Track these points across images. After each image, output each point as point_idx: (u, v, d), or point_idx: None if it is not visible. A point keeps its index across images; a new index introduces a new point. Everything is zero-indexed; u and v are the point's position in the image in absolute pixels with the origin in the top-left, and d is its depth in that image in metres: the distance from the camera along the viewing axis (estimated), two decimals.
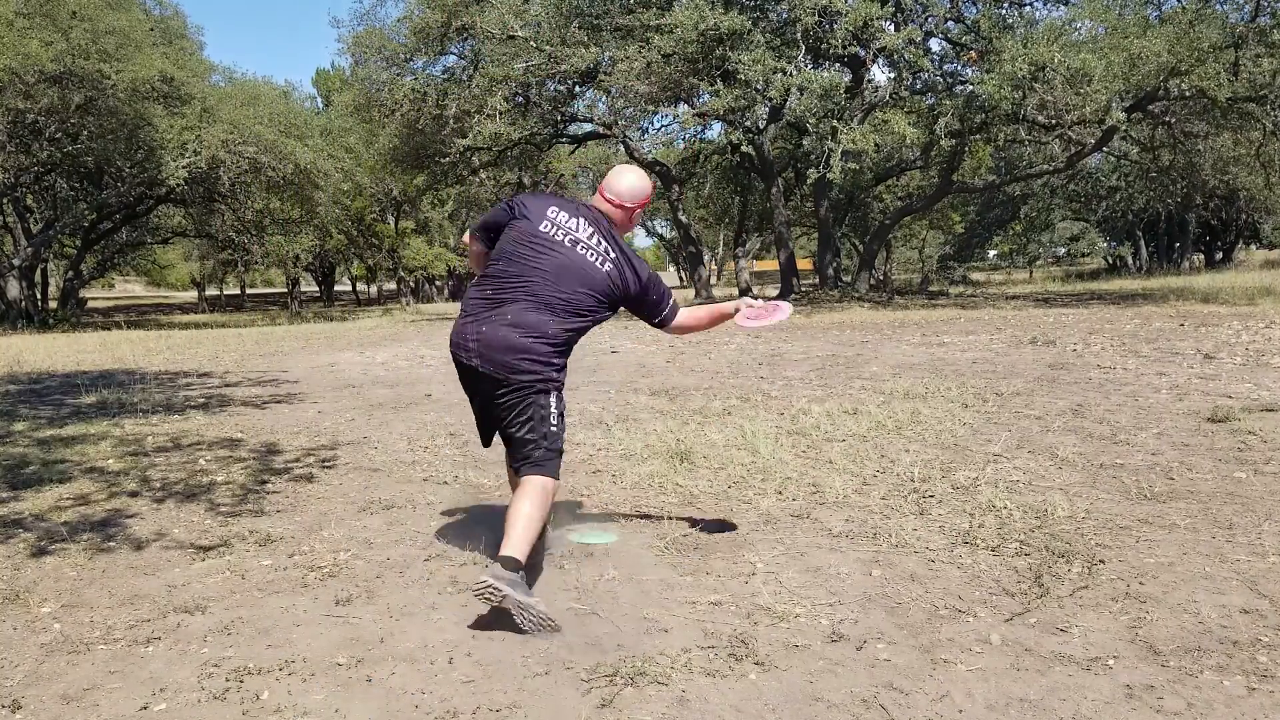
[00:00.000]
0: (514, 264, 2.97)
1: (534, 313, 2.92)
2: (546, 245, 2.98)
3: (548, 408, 2.95)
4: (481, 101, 18.48)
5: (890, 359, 8.68)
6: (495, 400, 2.97)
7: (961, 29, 18.36)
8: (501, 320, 2.92)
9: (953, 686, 2.22)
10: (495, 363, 2.90)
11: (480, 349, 2.92)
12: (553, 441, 2.95)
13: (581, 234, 3.03)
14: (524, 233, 3.01)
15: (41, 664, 2.48)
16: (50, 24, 17.50)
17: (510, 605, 2.55)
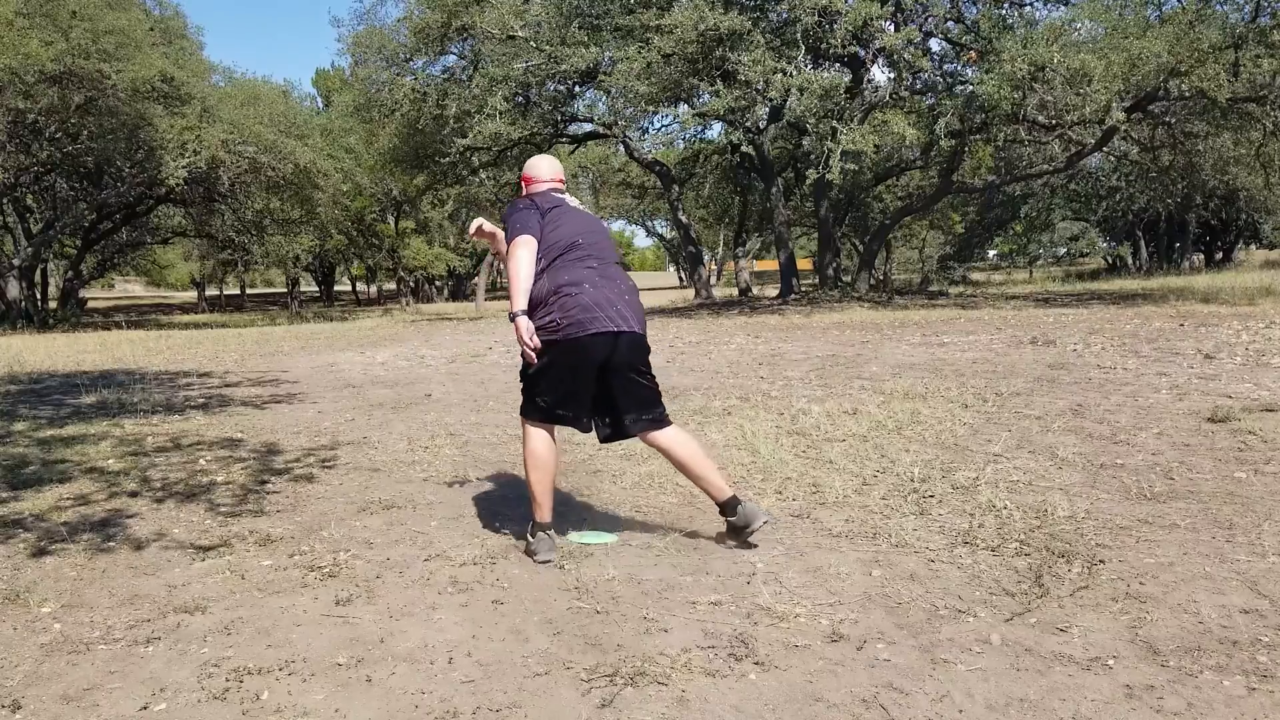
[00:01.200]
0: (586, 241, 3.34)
1: (621, 273, 3.37)
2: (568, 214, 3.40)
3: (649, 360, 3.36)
4: (481, 101, 18.48)
5: (890, 359, 8.67)
6: (631, 364, 3.26)
7: (961, 29, 18.35)
8: (623, 285, 3.31)
9: (953, 686, 2.22)
10: (641, 321, 3.29)
11: (629, 312, 3.24)
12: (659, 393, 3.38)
13: (565, 198, 3.51)
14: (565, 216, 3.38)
15: (41, 664, 2.48)
16: (50, 24, 17.50)
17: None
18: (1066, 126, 16.79)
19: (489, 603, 2.83)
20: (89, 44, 17.73)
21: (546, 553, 3.20)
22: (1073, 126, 16.79)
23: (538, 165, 3.61)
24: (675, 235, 36.88)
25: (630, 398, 3.29)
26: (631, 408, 3.29)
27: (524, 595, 2.88)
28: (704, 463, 3.28)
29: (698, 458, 3.28)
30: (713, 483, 3.26)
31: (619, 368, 3.23)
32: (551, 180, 3.57)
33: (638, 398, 3.29)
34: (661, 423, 3.31)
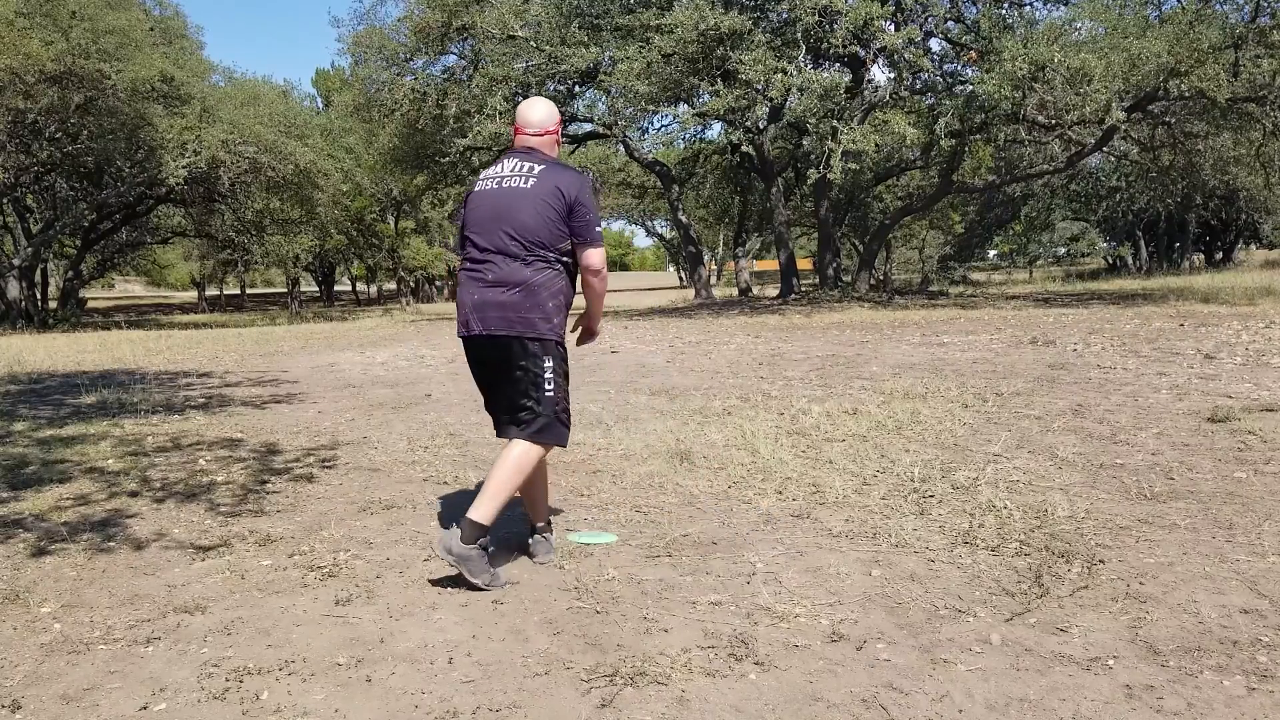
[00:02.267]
0: (469, 228, 3.12)
1: (504, 265, 3.01)
2: (479, 199, 3.11)
3: (542, 364, 3.03)
4: (481, 101, 18.48)
5: (890, 359, 8.67)
6: (499, 367, 3.06)
7: (961, 29, 18.35)
8: (483, 281, 3.02)
9: (953, 686, 2.22)
10: (503, 322, 3.00)
11: (491, 314, 3.01)
12: (549, 405, 3.03)
13: (505, 171, 3.11)
14: (469, 202, 3.18)
15: (41, 664, 2.48)
16: (50, 24, 17.50)
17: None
18: (1066, 126, 16.79)
19: (489, 603, 2.83)
20: (89, 44, 17.73)
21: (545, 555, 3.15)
22: (1073, 126, 16.79)
23: (520, 117, 3.23)
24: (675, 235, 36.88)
25: (501, 399, 3.13)
26: (503, 408, 3.14)
27: (524, 595, 2.88)
28: (503, 488, 2.97)
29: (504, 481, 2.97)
30: (485, 500, 2.96)
31: (492, 369, 3.11)
32: (520, 133, 3.21)
33: (507, 401, 3.09)
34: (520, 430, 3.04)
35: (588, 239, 3.06)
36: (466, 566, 2.87)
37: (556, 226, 3.01)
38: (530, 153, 3.14)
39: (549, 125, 3.18)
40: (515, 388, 3.05)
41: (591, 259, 3.08)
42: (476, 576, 2.89)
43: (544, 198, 3.00)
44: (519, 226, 3.00)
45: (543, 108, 3.19)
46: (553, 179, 3.03)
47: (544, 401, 3.03)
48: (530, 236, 3.00)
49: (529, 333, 3.00)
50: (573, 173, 3.09)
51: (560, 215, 3.01)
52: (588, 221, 3.04)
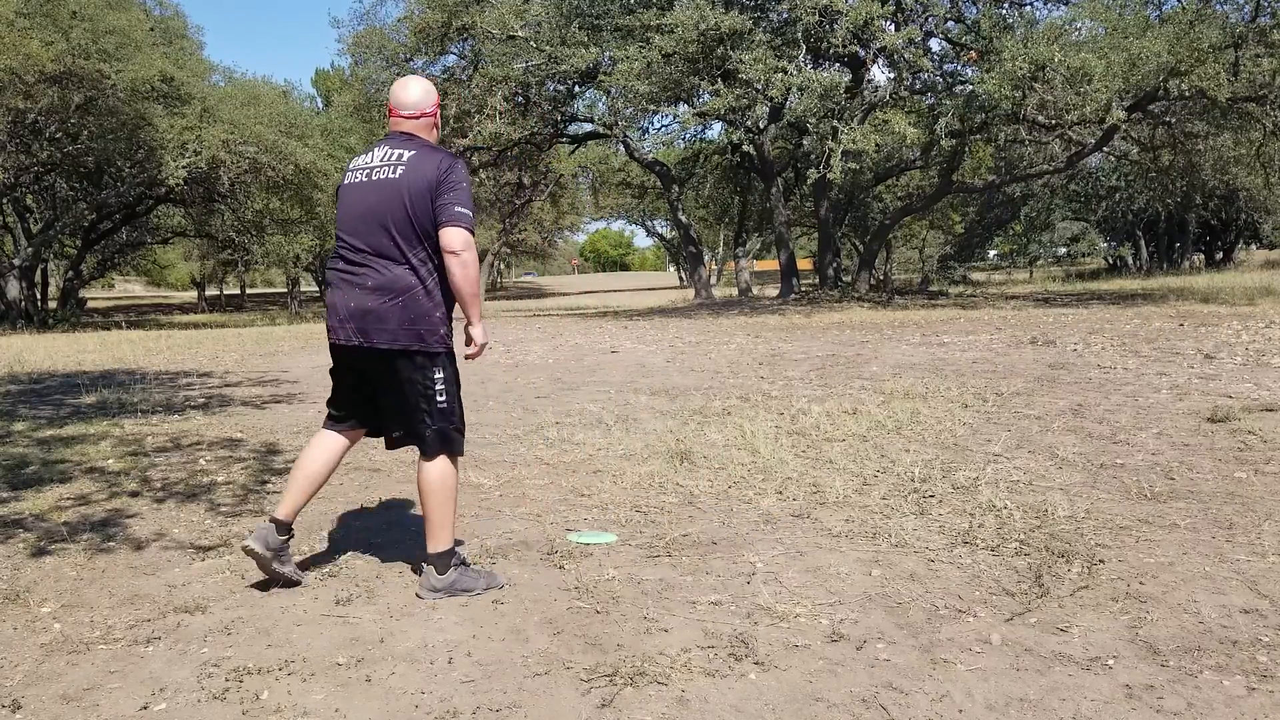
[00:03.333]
0: (341, 226, 2.91)
1: (384, 270, 2.80)
2: (349, 193, 2.90)
3: (432, 377, 2.85)
4: (481, 101, 18.49)
5: (890, 359, 8.67)
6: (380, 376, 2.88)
7: (961, 29, 18.35)
8: (361, 287, 2.81)
9: (953, 686, 2.22)
10: (378, 332, 2.80)
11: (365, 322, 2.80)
12: (442, 418, 2.87)
13: (375, 160, 2.88)
14: (339, 196, 2.97)
15: (41, 664, 2.48)
16: (50, 24, 17.50)
17: None
18: (1066, 126, 16.79)
19: (489, 603, 2.83)
20: (89, 44, 17.73)
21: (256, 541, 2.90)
22: (1073, 126, 16.80)
23: (393, 98, 2.96)
24: (675, 235, 36.88)
25: (388, 410, 2.97)
26: (391, 421, 3.00)
27: (524, 595, 2.88)
28: (442, 511, 2.88)
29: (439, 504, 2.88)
30: (434, 530, 2.88)
31: (373, 381, 2.93)
32: (394, 115, 2.95)
33: (398, 409, 2.93)
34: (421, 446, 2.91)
35: (447, 217, 2.75)
36: (460, 587, 2.87)
37: (430, 218, 2.78)
38: (402, 138, 2.90)
39: (425, 107, 2.93)
40: (405, 402, 2.88)
41: (449, 239, 2.75)
42: (473, 588, 2.88)
43: (414, 185, 2.76)
44: (394, 223, 2.78)
45: (418, 87, 2.94)
46: (422, 164, 2.79)
47: (437, 415, 2.86)
48: (406, 233, 2.78)
49: (415, 345, 2.80)
50: (440, 154, 2.84)
51: (431, 204, 2.77)
52: (448, 200, 2.75)
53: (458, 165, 2.84)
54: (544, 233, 53.74)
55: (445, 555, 2.87)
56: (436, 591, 2.84)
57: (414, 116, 2.92)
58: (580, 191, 41.45)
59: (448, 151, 2.92)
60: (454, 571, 2.87)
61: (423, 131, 2.93)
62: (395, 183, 2.79)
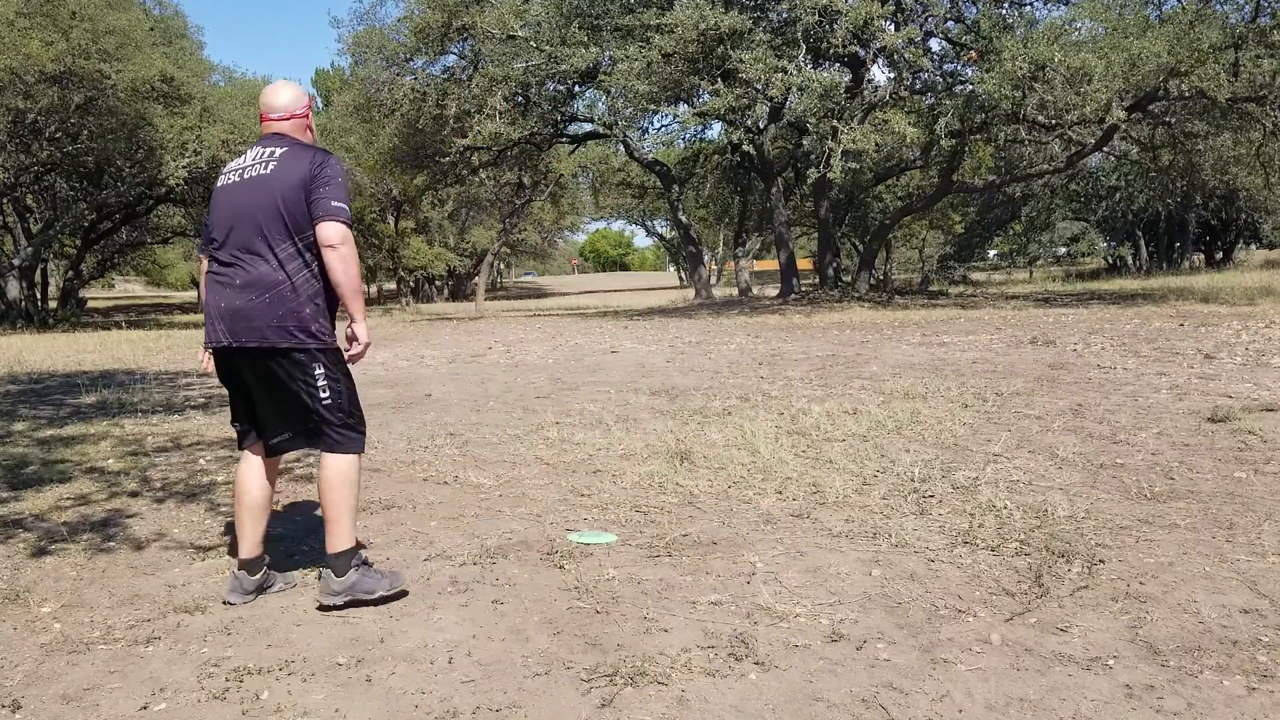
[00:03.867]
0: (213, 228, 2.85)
1: (252, 267, 2.73)
2: (222, 194, 2.85)
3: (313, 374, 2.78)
4: (481, 101, 18.49)
5: (890, 359, 8.67)
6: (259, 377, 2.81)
7: (961, 29, 18.35)
8: (231, 286, 2.75)
9: (953, 686, 2.22)
10: (253, 332, 2.72)
11: (236, 324, 2.73)
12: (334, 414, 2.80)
13: (248, 161, 2.85)
14: (212, 198, 2.91)
15: (41, 664, 2.48)
16: (50, 24, 17.49)
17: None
18: (1066, 126, 16.79)
19: (489, 603, 2.83)
20: (89, 44, 17.72)
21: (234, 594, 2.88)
22: (1073, 126, 16.79)
23: (263, 102, 2.94)
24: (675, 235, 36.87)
25: (271, 412, 2.87)
26: (273, 424, 2.89)
27: (524, 595, 2.88)
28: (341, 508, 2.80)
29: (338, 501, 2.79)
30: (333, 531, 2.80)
31: (256, 384, 2.85)
32: (265, 119, 2.92)
33: (279, 413, 2.86)
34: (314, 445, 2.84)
35: (323, 212, 2.71)
36: (358, 590, 2.76)
37: (302, 215, 2.73)
38: (274, 138, 2.87)
39: (295, 109, 2.91)
40: (291, 403, 2.81)
41: (327, 233, 2.70)
42: (375, 590, 2.78)
43: (286, 181, 2.73)
44: (264, 220, 2.73)
45: (288, 91, 2.93)
46: (294, 160, 2.77)
47: (324, 411, 2.79)
48: (276, 229, 2.73)
49: (285, 343, 2.73)
50: (312, 151, 2.82)
51: (304, 199, 2.73)
52: (323, 195, 2.71)
53: (331, 160, 2.80)
54: (544, 233, 53.76)
55: (345, 555, 2.78)
56: (336, 595, 2.74)
57: (285, 118, 2.90)
58: (580, 191, 41.43)
59: (322, 149, 2.88)
60: (354, 573, 2.77)
61: (295, 132, 2.90)
62: (266, 179, 2.75)
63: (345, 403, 2.83)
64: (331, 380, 2.80)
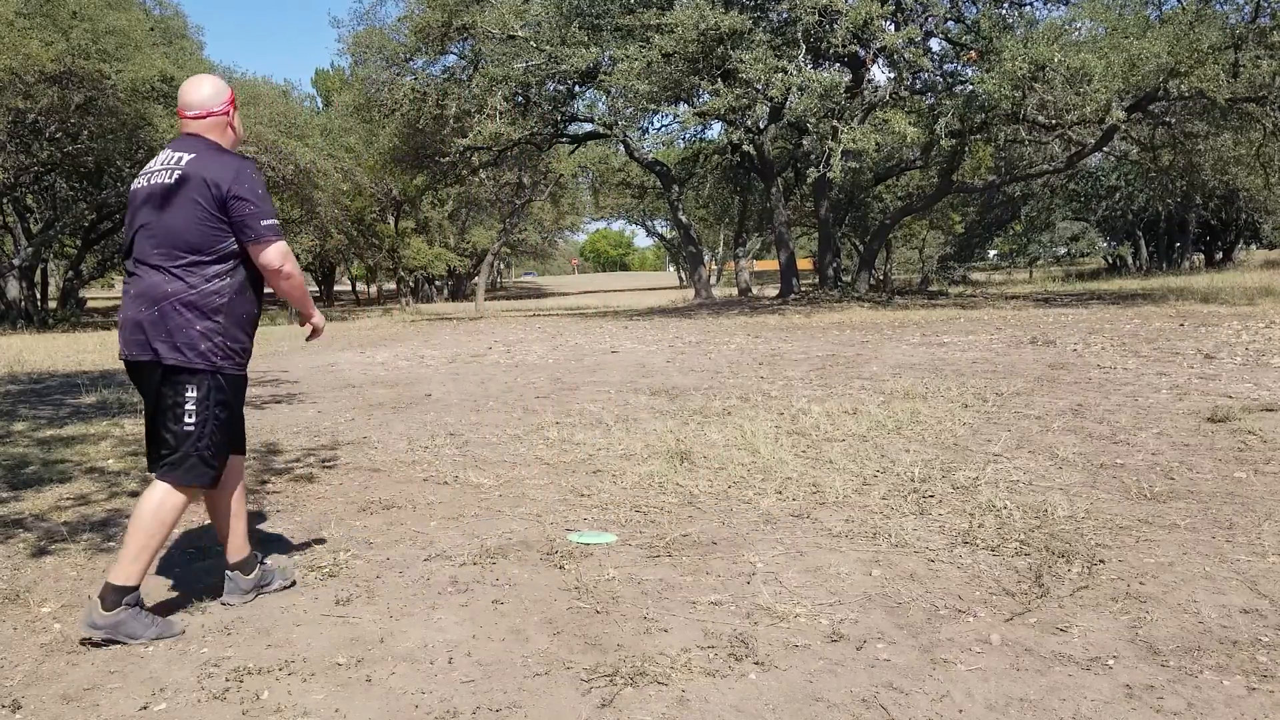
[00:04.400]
0: (126, 233, 2.73)
1: (146, 278, 2.61)
2: (133, 199, 2.71)
3: (183, 394, 2.63)
4: (481, 101, 18.49)
5: (890, 359, 8.67)
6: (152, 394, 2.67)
7: (961, 29, 18.36)
8: (128, 295, 2.64)
9: (953, 686, 2.22)
10: (146, 346, 2.61)
11: (139, 333, 2.62)
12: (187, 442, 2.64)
13: (156, 165, 2.69)
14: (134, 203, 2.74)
15: (41, 664, 2.48)
16: (50, 24, 17.50)
17: None
18: (1066, 126, 16.79)
19: (489, 603, 2.83)
20: (89, 44, 17.73)
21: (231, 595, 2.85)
22: (1073, 126, 16.80)
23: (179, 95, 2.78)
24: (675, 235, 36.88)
25: (153, 431, 2.73)
26: (151, 444, 2.74)
27: (524, 595, 2.88)
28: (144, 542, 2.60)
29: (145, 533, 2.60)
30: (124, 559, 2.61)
31: (147, 397, 2.71)
32: (181, 116, 2.76)
33: (155, 434, 2.71)
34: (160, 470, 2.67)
35: (252, 235, 2.61)
36: (120, 632, 2.55)
37: (209, 226, 2.59)
38: (186, 140, 2.71)
39: (212, 106, 2.73)
40: (159, 418, 2.66)
41: (266, 258, 2.64)
42: (140, 635, 2.57)
43: (190, 194, 2.58)
44: (163, 232, 2.60)
45: (206, 86, 2.75)
46: (201, 170, 2.60)
47: (180, 437, 2.63)
48: (176, 242, 2.59)
49: (170, 358, 2.59)
50: (226, 159, 2.66)
51: (211, 213, 2.59)
52: (247, 215, 2.59)
53: (246, 170, 2.65)
54: (544, 233, 53.77)
55: (120, 591, 2.57)
56: (96, 629, 2.54)
57: (199, 116, 2.72)
58: (580, 191, 41.45)
59: (235, 154, 2.73)
60: (122, 612, 2.55)
61: (211, 133, 2.73)
62: (169, 189, 2.61)
63: (207, 434, 2.66)
64: (200, 406, 2.63)
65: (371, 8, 42.67)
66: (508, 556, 3.26)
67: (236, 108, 2.85)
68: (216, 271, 2.63)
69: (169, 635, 2.62)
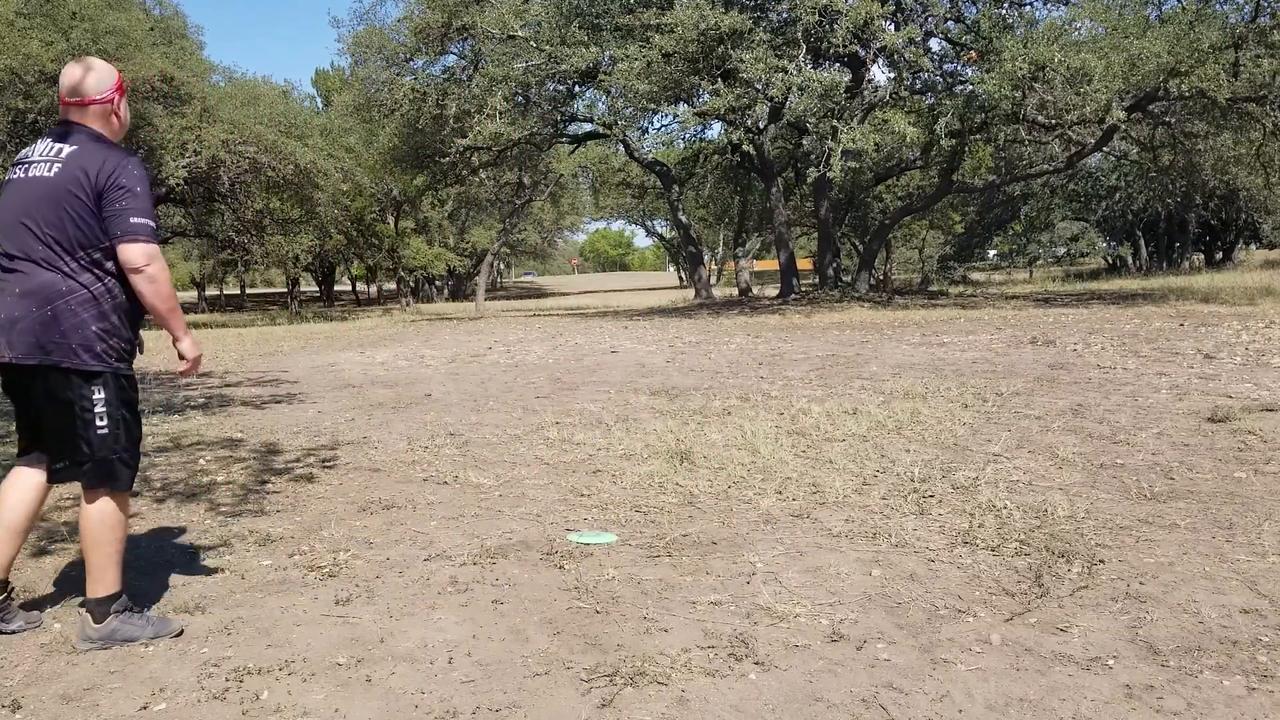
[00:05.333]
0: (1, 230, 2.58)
1: (33, 276, 2.48)
2: (9, 190, 2.58)
3: (90, 399, 2.53)
4: (481, 101, 18.49)
5: (890, 359, 8.67)
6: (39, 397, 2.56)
7: (961, 29, 18.36)
8: (11, 294, 2.49)
9: (953, 686, 2.22)
10: (29, 346, 2.48)
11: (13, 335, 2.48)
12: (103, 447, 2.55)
13: (35, 154, 2.56)
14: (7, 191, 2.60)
15: (41, 664, 2.48)
16: (50, 24, 17.50)
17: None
18: (1066, 126, 16.79)
19: (489, 603, 2.83)
20: (89, 44, 17.71)
21: None
22: (1073, 126, 16.80)
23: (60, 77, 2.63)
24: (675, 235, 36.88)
25: (49, 436, 2.62)
26: (52, 450, 2.63)
27: (524, 595, 2.88)
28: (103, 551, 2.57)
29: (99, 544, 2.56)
30: (94, 574, 2.57)
31: (35, 400, 2.59)
32: (62, 102, 2.62)
33: (54, 437, 2.60)
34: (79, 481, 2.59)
35: (120, 231, 2.47)
36: (117, 638, 2.55)
37: (88, 223, 2.48)
38: (68, 129, 2.58)
39: (94, 93, 2.58)
40: (64, 425, 2.55)
41: (130, 255, 2.48)
42: (137, 637, 2.57)
43: (68, 187, 2.46)
44: (47, 227, 2.47)
45: (89, 72, 2.59)
46: (79, 162, 2.48)
47: (96, 443, 2.54)
48: (60, 238, 2.47)
49: (67, 361, 2.48)
50: (106, 151, 2.52)
51: (89, 207, 2.47)
52: (119, 210, 2.46)
53: (128, 164, 2.52)
54: (544, 233, 53.80)
55: (104, 602, 2.56)
56: (92, 642, 2.53)
57: (80, 104, 2.57)
58: (580, 191, 41.45)
59: (117, 147, 2.61)
60: (114, 620, 2.56)
61: (94, 121, 2.59)
62: (48, 182, 2.49)
63: (122, 436, 2.59)
64: (110, 408, 2.55)
65: (371, 8, 42.75)
66: (508, 556, 3.26)
67: (124, 93, 2.69)
68: (111, 269, 2.53)
69: (166, 633, 2.61)
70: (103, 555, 2.57)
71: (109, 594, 2.57)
